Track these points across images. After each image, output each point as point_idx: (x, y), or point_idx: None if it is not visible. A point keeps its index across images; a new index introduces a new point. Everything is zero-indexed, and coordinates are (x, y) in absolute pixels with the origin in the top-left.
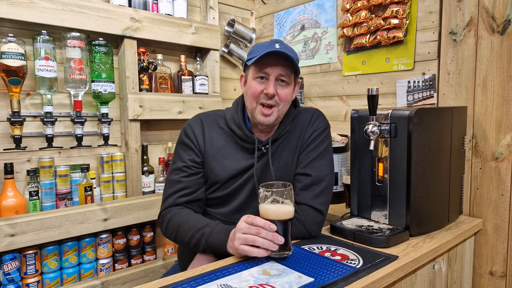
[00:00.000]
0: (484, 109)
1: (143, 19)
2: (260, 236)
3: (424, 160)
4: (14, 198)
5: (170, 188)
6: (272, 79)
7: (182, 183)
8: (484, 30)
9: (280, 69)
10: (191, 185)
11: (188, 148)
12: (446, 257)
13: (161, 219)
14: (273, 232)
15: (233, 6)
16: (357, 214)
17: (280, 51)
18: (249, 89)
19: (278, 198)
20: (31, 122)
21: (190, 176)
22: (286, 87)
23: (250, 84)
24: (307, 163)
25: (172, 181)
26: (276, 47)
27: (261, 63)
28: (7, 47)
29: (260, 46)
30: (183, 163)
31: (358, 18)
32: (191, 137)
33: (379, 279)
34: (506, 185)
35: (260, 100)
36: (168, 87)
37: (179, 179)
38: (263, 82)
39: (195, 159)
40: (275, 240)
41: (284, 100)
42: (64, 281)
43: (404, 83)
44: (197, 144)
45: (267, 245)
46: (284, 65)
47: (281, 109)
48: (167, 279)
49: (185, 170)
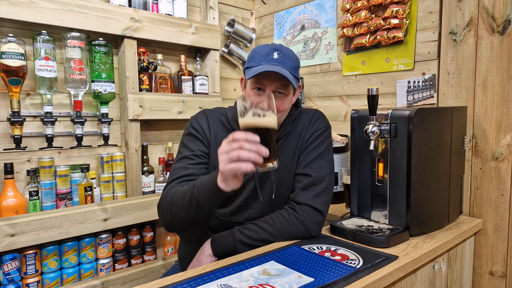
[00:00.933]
0: (484, 109)
1: (143, 19)
2: (244, 149)
3: (424, 160)
4: (14, 198)
5: (174, 175)
6: (268, 92)
7: (188, 169)
8: (484, 30)
9: (276, 84)
10: (198, 173)
11: (196, 139)
12: (446, 257)
13: (159, 203)
14: (257, 143)
15: (233, 6)
16: (357, 214)
17: (275, 71)
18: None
19: (258, 112)
20: (31, 122)
21: (198, 165)
22: (283, 98)
23: (248, 93)
24: (307, 163)
25: (177, 168)
26: (274, 58)
27: (258, 76)
28: (7, 47)
29: (258, 53)
30: (191, 152)
31: (358, 18)
32: (198, 129)
33: (379, 279)
34: (506, 185)
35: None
36: (168, 87)
37: (186, 166)
38: (260, 93)
39: (203, 149)
40: (260, 151)
41: (282, 110)
42: (64, 281)
43: (404, 83)
44: (204, 135)
45: (254, 158)
46: (281, 78)
47: (280, 118)
48: (167, 279)
49: (193, 158)
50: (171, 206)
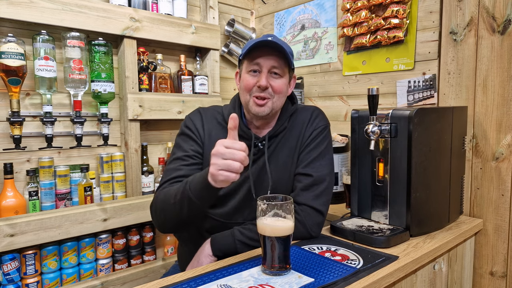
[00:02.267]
0: (485, 109)
1: (142, 18)
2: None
3: (424, 160)
4: (14, 198)
5: (167, 176)
6: (264, 71)
7: (181, 170)
8: (484, 30)
9: (272, 61)
10: (191, 174)
11: (190, 139)
12: (447, 257)
13: (152, 203)
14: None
15: (233, 5)
16: (357, 214)
17: (272, 41)
18: (242, 83)
19: (279, 212)
20: (31, 122)
21: (191, 166)
22: (279, 79)
23: (243, 77)
24: (308, 163)
25: (170, 170)
26: (268, 39)
27: (253, 55)
28: (7, 47)
29: (252, 40)
30: (184, 153)
31: (358, 18)
32: (191, 128)
33: (379, 279)
34: (506, 185)
35: (254, 93)
36: (168, 87)
37: (178, 167)
38: (256, 75)
39: (197, 149)
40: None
41: (278, 92)
42: (63, 281)
43: (404, 83)
44: (198, 134)
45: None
46: (277, 56)
47: (276, 102)
48: (167, 279)
49: (185, 159)
50: (164, 205)
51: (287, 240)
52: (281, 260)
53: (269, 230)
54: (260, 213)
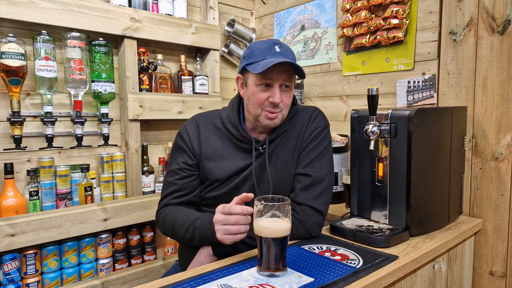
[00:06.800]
0: (484, 109)
1: (143, 19)
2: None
3: (424, 160)
4: (14, 198)
5: (165, 189)
6: (276, 86)
7: (175, 185)
8: (484, 30)
9: (284, 76)
10: (185, 187)
11: (182, 151)
12: (446, 257)
13: (157, 218)
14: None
15: (233, 6)
16: (357, 214)
17: (288, 60)
18: (253, 96)
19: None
20: (31, 122)
21: (183, 179)
22: (289, 91)
23: (253, 90)
24: (307, 163)
25: (167, 183)
26: (276, 51)
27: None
28: (7, 47)
29: (258, 49)
30: (177, 166)
31: (358, 18)
32: (185, 139)
33: (379, 279)
34: (506, 185)
35: (266, 107)
36: (168, 87)
37: (173, 181)
38: (267, 89)
39: (188, 162)
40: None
41: (287, 105)
42: (64, 281)
43: (404, 83)
44: (191, 146)
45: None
46: (288, 70)
47: (285, 113)
48: (167, 279)
49: (178, 173)
50: (173, 231)
51: (284, 242)
52: (277, 261)
53: (266, 232)
54: (257, 214)
